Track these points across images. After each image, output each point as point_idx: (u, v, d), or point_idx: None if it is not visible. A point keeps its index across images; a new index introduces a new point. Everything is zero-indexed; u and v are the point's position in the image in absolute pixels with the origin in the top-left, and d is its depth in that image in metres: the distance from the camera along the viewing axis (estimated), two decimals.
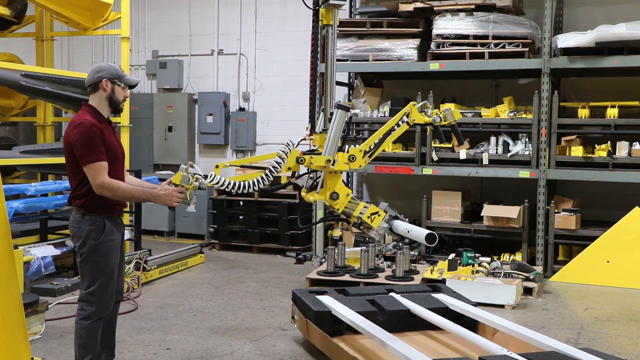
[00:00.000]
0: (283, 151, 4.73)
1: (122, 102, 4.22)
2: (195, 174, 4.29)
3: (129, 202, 3.96)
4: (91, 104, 4.14)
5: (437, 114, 4.91)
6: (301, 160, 4.75)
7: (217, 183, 4.47)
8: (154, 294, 7.03)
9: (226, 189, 4.59)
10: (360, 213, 4.65)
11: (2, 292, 3.87)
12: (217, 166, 4.89)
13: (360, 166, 4.86)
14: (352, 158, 4.79)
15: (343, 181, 4.96)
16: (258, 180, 4.64)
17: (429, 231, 4.25)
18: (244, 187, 4.62)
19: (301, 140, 5.01)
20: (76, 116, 4.12)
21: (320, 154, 4.83)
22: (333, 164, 4.66)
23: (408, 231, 4.45)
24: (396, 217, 4.64)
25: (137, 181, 4.58)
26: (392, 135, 4.97)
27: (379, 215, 4.60)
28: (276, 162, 4.69)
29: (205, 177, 4.34)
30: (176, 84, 11.23)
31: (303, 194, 4.91)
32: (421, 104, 4.98)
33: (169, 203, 4.09)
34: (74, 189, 4.11)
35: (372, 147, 4.96)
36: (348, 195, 4.80)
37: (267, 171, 4.66)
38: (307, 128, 7.88)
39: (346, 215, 4.85)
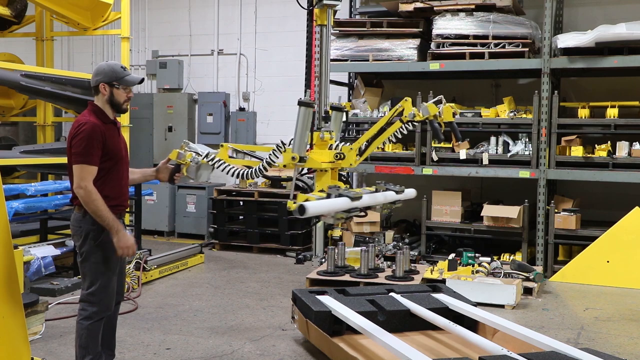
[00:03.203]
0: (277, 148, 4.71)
1: (125, 103, 4.15)
2: (191, 151, 4.30)
3: (94, 214, 3.90)
4: (97, 104, 4.11)
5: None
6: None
7: (212, 161, 4.52)
8: (154, 294, 7.03)
9: (220, 169, 4.60)
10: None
11: (2, 292, 3.87)
12: (222, 145, 4.86)
13: (351, 165, 4.70)
14: (340, 156, 4.62)
15: (344, 178, 4.91)
16: (255, 170, 4.58)
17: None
18: (239, 173, 4.58)
19: (292, 139, 4.95)
20: (81, 116, 4.08)
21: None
22: (300, 161, 4.48)
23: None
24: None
25: (138, 170, 4.60)
26: (385, 133, 4.90)
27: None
28: (269, 157, 4.66)
29: (203, 155, 4.41)
30: (176, 84, 11.23)
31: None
32: (435, 99, 4.92)
33: (121, 251, 4.01)
34: None
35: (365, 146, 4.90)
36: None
37: (264, 162, 4.61)
38: None
39: None
